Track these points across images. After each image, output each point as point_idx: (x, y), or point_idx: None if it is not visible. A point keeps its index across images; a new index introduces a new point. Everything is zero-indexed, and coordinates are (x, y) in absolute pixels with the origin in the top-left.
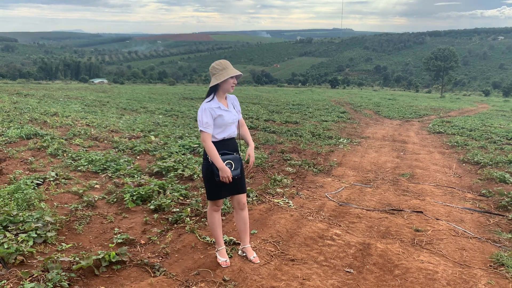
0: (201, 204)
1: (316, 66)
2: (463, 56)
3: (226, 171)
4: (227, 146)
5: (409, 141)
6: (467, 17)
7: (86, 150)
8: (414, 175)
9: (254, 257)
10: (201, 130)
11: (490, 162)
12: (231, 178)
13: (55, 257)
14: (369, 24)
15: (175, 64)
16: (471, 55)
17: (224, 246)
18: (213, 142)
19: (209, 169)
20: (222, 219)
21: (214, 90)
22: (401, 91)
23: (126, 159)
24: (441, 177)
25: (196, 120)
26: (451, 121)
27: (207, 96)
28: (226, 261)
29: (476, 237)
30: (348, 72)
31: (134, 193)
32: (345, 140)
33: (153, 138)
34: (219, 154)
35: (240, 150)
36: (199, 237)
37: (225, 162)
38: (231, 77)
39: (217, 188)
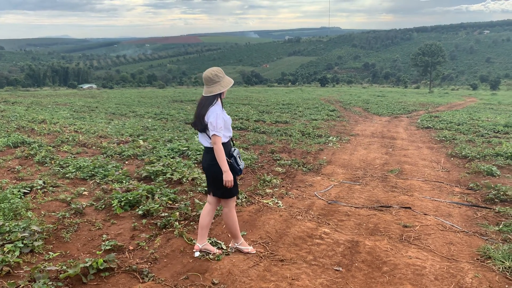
0: (189, 208)
1: (305, 65)
2: (450, 51)
3: (230, 176)
4: (231, 144)
5: (397, 137)
6: (452, 12)
7: (74, 157)
8: (403, 171)
9: (251, 250)
10: (214, 134)
11: (478, 156)
12: (232, 183)
13: (42, 267)
14: (356, 22)
15: (164, 67)
16: (458, 49)
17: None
18: (224, 143)
19: (231, 167)
20: (212, 222)
21: (218, 96)
22: (390, 88)
23: (114, 165)
24: (430, 172)
25: (186, 123)
26: (439, 116)
27: (211, 102)
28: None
29: (464, 231)
30: (337, 70)
31: (122, 199)
32: (335, 138)
33: (141, 142)
34: (232, 151)
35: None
36: (187, 241)
37: (238, 156)
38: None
39: (236, 183)
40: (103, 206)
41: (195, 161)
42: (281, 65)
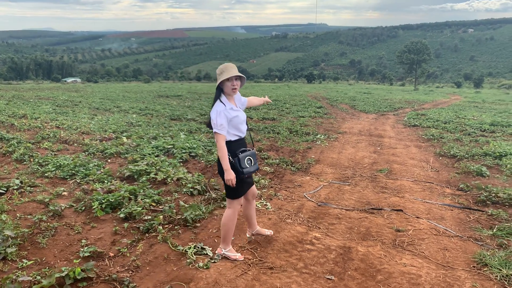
0: (174, 210)
1: (292, 61)
2: (435, 49)
3: (230, 174)
4: (244, 145)
5: (385, 135)
6: (437, 10)
7: (54, 155)
8: (392, 170)
9: (269, 232)
10: (215, 132)
11: (466, 155)
12: (234, 182)
13: (14, 277)
14: (343, 19)
15: (150, 62)
16: (443, 47)
17: (230, 247)
18: (232, 141)
19: (233, 167)
20: (196, 226)
21: (222, 92)
22: (375, 85)
23: (96, 163)
24: (419, 172)
25: (173, 119)
26: (425, 113)
27: (216, 98)
28: (240, 255)
29: (458, 235)
30: (323, 66)
31: (103, 201)
32: (323, 136)
33: (125, 139)
34: (240, 151)
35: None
36: (172, 247)
37: (246, 159)
38: (229, 81)
39: (242, 185)
40: (83, 208)
41: (181, 160)
42: (268, 61)
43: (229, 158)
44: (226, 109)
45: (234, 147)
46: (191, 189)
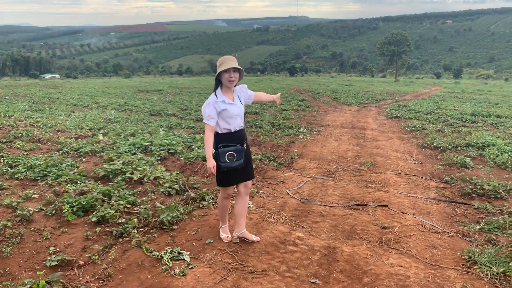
0: (150, 212)
1: (274, 54)
2: (415, 40)
3: (210, 163)
4: (232, 139)
5: (367, 127)
6: (417, 2)
7: (26, 154)
8: (375, 163)
9: (255, 238)
10: (204, 123)
11: (449, 146)
12: (213, 171)
13: None
14: (324, 11)
15: (130, 56)
16: (422, 39)
17: (227, 224)
18: (219, 134)
19: (215, 158)
20: (173, 228)
21: (220, 85)
22: (357, 77)
23: (69, 163)
24: (403, 164)
25: (153, 114)
26: (407, 105)
27: (214, 89)
28: (228, 236)
29: (445, 231)
30: (305, 59)
31: (75, 204)
32: (305, 130)
33: (101, 137)
34: (221, 146)
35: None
36: (146, 252)
37: (227, 154)
38: (226, 72)
39: (225, 176)
40: (54, 211)
41: (159, 158)
42: (249, 54)
43: (213, 151)
44: (217, 101)
45: (219, 140)
46: (169, 189)
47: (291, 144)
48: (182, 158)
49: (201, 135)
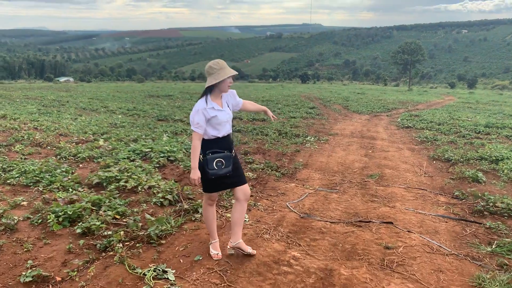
0: (140, 224)
1: (286, 61)
2: (429, 50)
3: (195, 174)
4: (220, 144)
5: (377, 137)
6: (432, 11)
7: (24, 159)
8: (383, 176)
9: (251, 251)
10: (192, 130)
11: (461, 159)
12: (197, 183)
13: None
14: (337, 19)
15: (144, 61)
16: (437, 48)
17: (218, 239)
18: (205, 140)
19: (201, 164)
20: (161, 243)
21: (210, 90)
22: (369, 85)
23: (64, 169)
24: (412, 177)
25: (160, 119)
26: (419, 114)
27: (202, 95)
28: (217, 254)
29: (453, 253)
30: (318, 67)
31: (61, 213)
32: (313, 138)
33: (101, 142)
34: (209, 152)
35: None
36: (129, 269)
37: (216, 160)
38: (228, 77)
39: (212, 183)
40: (40, 220)
41: (157, 165)
42: (262, 61)
43: (200, 156)
44: (206, 108)
45: (207, 146)
46: (161, 199)
47: (296, 153)
48: (181, 166)
49: None
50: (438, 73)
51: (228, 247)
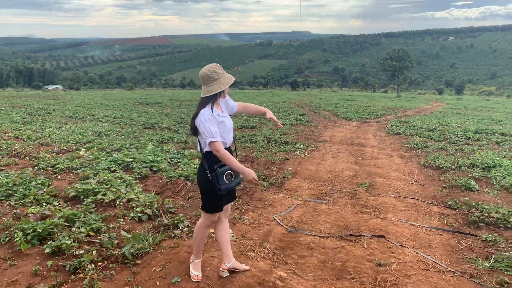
0: (116, 242)
1: (276, 68)
2: (417, 56)
3: (251, 172)
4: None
5: (367, 144)
6: (419, 18)
7: (0, 170)
8: (374, 184)
9: (246, 267)
10: (211, 141)
11: (453, 166)
12: (256, 179)
13: None
14: (326, 27)
15: (134, 69)
16: (424, 55)
17: (201, 259)
18: (211, 152)
19: (209, 181)
20: (137, 263)
21: (215, 97)
22: (358, 92)
23: (40, 181)
24: (403, 186)
25: (147, 127)
26: (408, 121)
27: (205, 104)
28: (198, 275)
29: (450, 270)
30: (307, 74)
31: (29, 231)
32: (302, 146)
33: (81, 152)
34: (217, 167)
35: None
36: None
37: (226, 174)
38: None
39: (219, 201)
40: (8, 238)
41: (139, 176)
42: (252, 68)
43: (206, 172)
44: (213, 114)
45: (213, 160)
46: (140, 214)
47: (285, 161)
48: (164, 177)
49: (191, 150)
50: (426, 79)
51: (222, 269)
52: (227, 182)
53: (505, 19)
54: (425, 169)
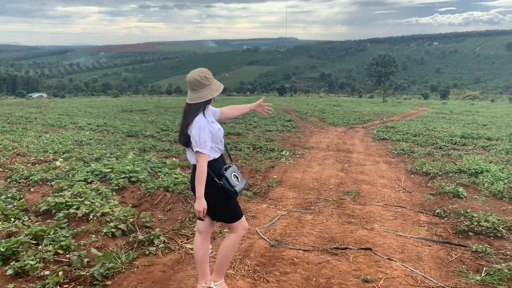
0: (86, 260)
1: (263, 74)
2: (402, 62)
3: (202, 204)
4: (223, 162)
5: (354, 150)
6: (404, 24)
7: None
8: (360, 192)
9: None
10: (197, 151)
11: (440, 172)
12: (203, 215)
13: None
14: (312, 33)
15: (120, 76)
16: (410, 60)
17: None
18: (216, 159)
19: (222, 190)
20: (106, 284)
21: (205, 104)
22: (345, 97)
23: (11, 194)
24: (390, 193)
25: (130, 135)
26: (394, 126)
27: (195, 111)
28: None
29: (440, 286)
30: (294, 80)
31: None
32: (288, 153)
33: (58, 163)
34: (224, 169)
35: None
36: None
37: (232, 175)
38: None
39: (237, 203)
40: None
41: (116, 187)
42: (239, 74)
43: (215, 180)
44: (209, 122)
45: (217, 166)
46: (113, 229)
47: (270, 169)
48: (142, 188)
49: (173, 159)
50: (411, 84)
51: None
52: (237, 183)
53: (488, 25)
54: (412, 176)
